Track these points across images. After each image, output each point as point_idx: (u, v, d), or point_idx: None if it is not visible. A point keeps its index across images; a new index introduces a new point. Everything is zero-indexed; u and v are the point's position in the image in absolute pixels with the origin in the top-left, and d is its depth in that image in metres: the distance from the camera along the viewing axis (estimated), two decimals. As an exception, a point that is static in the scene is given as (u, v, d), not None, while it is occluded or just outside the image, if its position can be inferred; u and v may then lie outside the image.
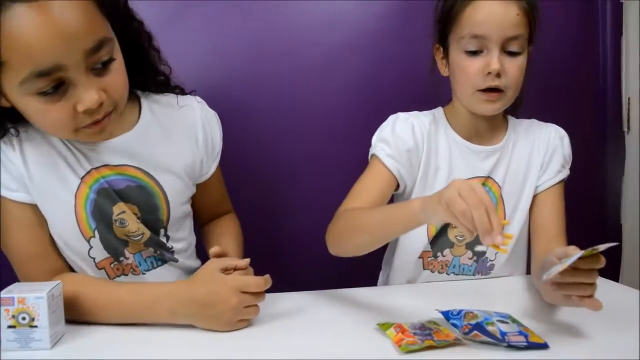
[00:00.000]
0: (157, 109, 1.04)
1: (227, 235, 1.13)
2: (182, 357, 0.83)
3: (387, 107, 1.20)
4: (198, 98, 1.10)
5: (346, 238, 1.04)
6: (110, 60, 0.87)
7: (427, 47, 1.20)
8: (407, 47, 1.44)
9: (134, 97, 1.02)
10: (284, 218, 1.47)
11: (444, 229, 1.15)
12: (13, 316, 0.83)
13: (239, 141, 1.18)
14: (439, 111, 1.20)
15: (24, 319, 0.83)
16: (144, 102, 1.03)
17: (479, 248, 1.16)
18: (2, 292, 0.84)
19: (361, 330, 0.89)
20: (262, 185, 1.44)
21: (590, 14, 1.56)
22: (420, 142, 1.14)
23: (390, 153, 1.12)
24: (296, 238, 1.45)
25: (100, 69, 0.86)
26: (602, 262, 0.82)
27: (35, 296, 0.83)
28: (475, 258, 1.17)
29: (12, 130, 0.93)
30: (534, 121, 1.23)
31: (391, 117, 1.17)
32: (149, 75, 1.03)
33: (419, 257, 1.17)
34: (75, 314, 0.92)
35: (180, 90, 1.09)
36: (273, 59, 1.42)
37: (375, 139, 1.16)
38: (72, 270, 1.01)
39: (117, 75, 0.89)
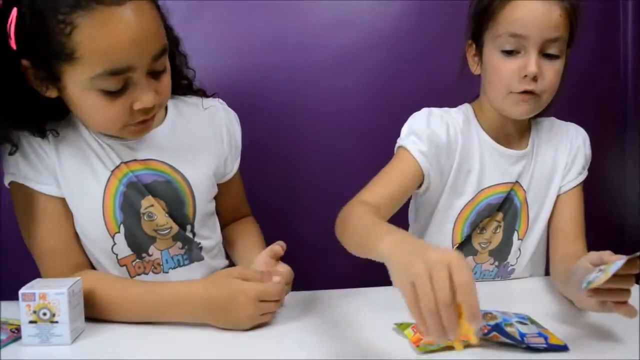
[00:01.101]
0: (183, 107, 1.08)
1: (251, 236, 1.14)
2: (200, 355, 0.83)
3: (404, 106, 1.19)
4: (220, 99, 1.13)
5: (339, 235, 0.98)
6: (164, 67, 0.93)
7: (445, 46, 1.18)
8: (425, 47, 1.43)
9: None
10: (298, 217, 1.47)
11: (468, 238, 1.13)
12: (34, 311, 0.84)
13: (253, 140, 1.19)
14: (468, 109, 1.15)
15: (45, 314, 0.84)
16: (170, 102, 1.06)
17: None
18: (24, 287, 0.85)
19: (379, 330, 0.89)
20: (277, 184, 1.44)
21: (612, 13, 1.54)
22: (454, 142, 1.09)
23: (422, 148, 1.06)
24: (312, 237, 1.45)
25: (155, 72, 0.91)
26: (639, 268, 0.79)
27: (56, 292, 0.84)
28: (496, 264, 1.15)
29: (53, 132, 0.97)
30: (554, 120, 1.19)
31: (425, 111, 1.11)
32: (175, 78, 1.04)
33: None
34: (94, 312, 0.92)
35: (203, 93, 1.12)
36: (288, 59, 1.43)
37: (406, 130, 1.10)
38: (92, 267, 1.02)
39: (166, 80, 0.94)
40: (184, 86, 1.09)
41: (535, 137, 1.16)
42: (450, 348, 0.81)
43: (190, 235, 1.05)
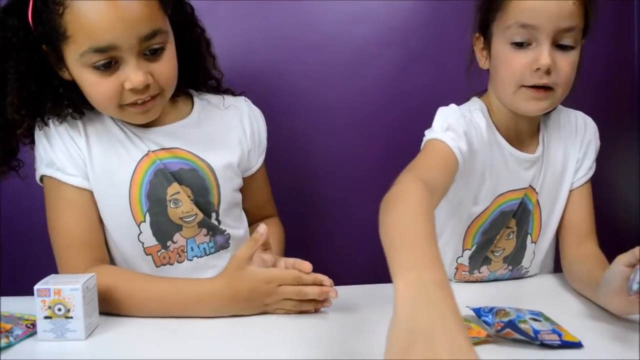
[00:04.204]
0: (207, 105, 1.12)
1: (270, 236, 1.14)
2: (216, 349, 0.83)
3: (418, 102, 1.20)
4: (245, 98, 1.17)
5: (382, 211, 0.78)
6: (162, 49, 0.96)
7: (457, 41, 1.17)
8: (437, 42, 1.42)
9: (187, 95, 1.11)
10: (314, 215, 1.47)
11: (482, 249, 1.10)
12: (49, 307, 0.85)
13: (267, 138, 1.20)
14: (483, 108, 1.07)
15: (59, 310, 0.85)
16: (196, 99, 1.11)
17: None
18: (39, 283, 0.86)
19: (391, 327, 0.89)
20: (291, 181, 1.44)
21: (626, 14, 1.52)
22: (478, 147, 1.01)
23: (461, 146, 0.97)
24: (328, 234, 1.45)
25: (151, 55, 0.95)
26: None
27: (70, 288, 0.84)
28: (510, 268, 1.12)
29: (74, 113, 1.01)
30: (561, 109, 1.13)
31: (456, 108, 1.02)
32: (202, 78, 1.11)
33: (455, 268, 1.12)
34: (113, 308, 0.93)
35: (231, 93, 1.16)
36: (301, 56, 1.43)
37: (440, 124, 0.99)
38: (112, 263, 1.03)
39: (166, 64, 0.97)
40: (212, 86, 1.14)
41: (545, 133, 1.11)
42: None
43: (216, 223, 1.07)
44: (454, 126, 0.98)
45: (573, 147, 1.12)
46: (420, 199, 0.78)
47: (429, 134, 1.00)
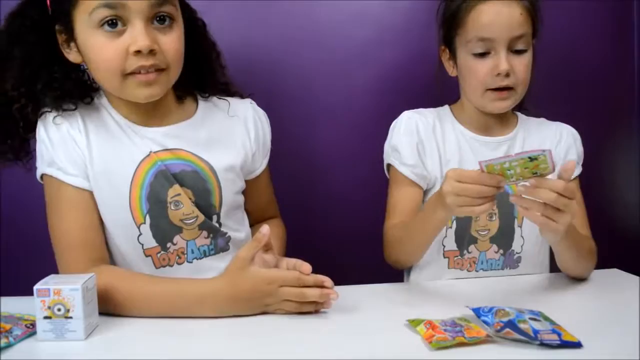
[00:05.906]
0: (212, 107, 1.12)
1: (272, 237, 1.15)
2: (216, 349, 0.84)
3: (416, 102, 1.20)
4: (251, 100, 1.17)
5: (397, 252, 1.14)
6: (170, 23, 0.98)
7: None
8: (434, 43, 1.43)
9: (193, 97, 1.11)
10: (311, 215, 1.47)
11: (466, 226, 1.15)
12: (49, 307, 0.85)
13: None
14: (444, 108, 1.23)
15: (59, 310, 0.85)
16: (201, 101, 1.13)
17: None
18: (39, 283, 0.86)
19: (391, 327, 0.89)
20: (289, 179, 1.44)
21: (626, 13, 1.52)
22: (425, 139, 1.17)
23: (403, 160, 1.16)
24: (327, 233, 1.45)
25: (159, 25, 0.97)
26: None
27: (70, 288, 0.84)
28: (501, 252, 1.17)
29: (68, 104, 1.02)
30: (544, 120, 1.25)
31: (395, 122, 1.20)
32: (212, 87, 1.12)
33: (445, 257, 1.17)
34: (113, 308, 0.93)
35: (239, 95, 1.16)
36: (300, 56, 1.43)
37: (386, 147, 1.21)
38: (113, 263, 1.03)
39: (174, 40, 0.99)
40: (221, 90, 1.15)
41: (522, 129, 1.21)
42: (462, 344, 0.81)
43: (217, 225, 1.07)
44: (394, 144, 1.18)
45: (550, 145, 1.19)
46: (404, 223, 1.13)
47: (386, 155, 1.21)
